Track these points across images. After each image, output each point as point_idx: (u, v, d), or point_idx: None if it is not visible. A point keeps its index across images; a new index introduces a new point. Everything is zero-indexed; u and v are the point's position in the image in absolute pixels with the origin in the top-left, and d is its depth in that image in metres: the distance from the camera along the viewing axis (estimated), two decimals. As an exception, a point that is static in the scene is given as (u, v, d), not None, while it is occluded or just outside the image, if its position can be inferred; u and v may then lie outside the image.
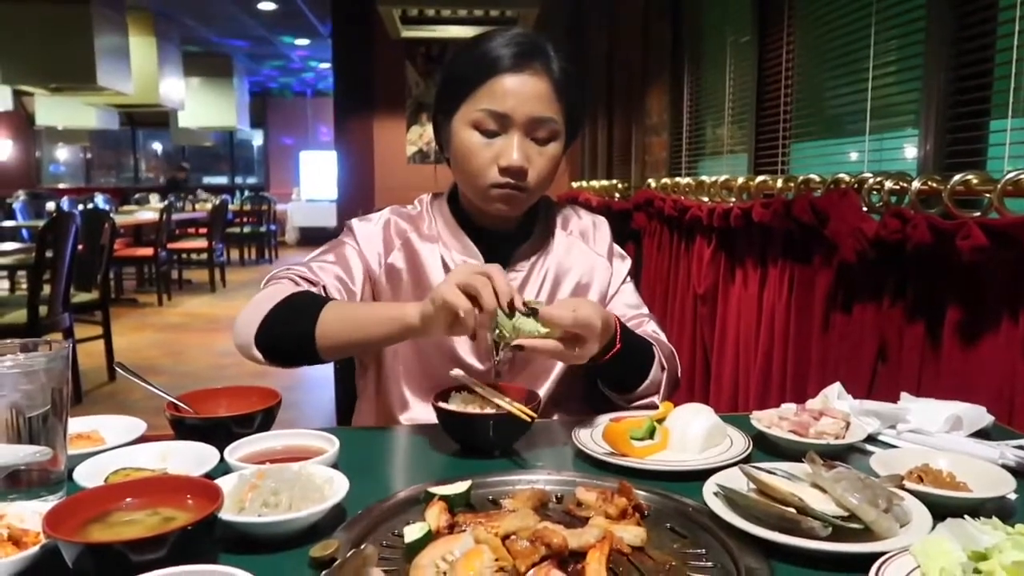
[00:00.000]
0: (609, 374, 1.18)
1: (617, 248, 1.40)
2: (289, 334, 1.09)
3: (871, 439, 1.02)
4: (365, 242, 1.27)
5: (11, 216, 8.00)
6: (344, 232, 1.31)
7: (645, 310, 1.37)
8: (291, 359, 1.13)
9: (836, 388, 1.12)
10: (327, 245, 1.30)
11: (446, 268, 1.25)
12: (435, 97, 1.26)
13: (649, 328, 1.32)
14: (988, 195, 1.28)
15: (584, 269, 1.32)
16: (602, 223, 1.41)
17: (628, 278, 1.39)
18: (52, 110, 9.61)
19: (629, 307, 1.34)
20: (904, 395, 1.11)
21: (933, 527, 0.71)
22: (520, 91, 1.14)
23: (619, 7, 4.28)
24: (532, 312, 0.99)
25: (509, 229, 1.28)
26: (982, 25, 1.48)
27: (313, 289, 1.18)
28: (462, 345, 1.23)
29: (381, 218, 1.31)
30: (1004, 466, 0.88)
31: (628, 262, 1.41)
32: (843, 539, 0.70)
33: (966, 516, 0.68)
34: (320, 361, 1.13)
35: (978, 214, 1.31)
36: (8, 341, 0.85)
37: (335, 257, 1.26)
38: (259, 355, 1.11)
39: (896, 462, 0.88)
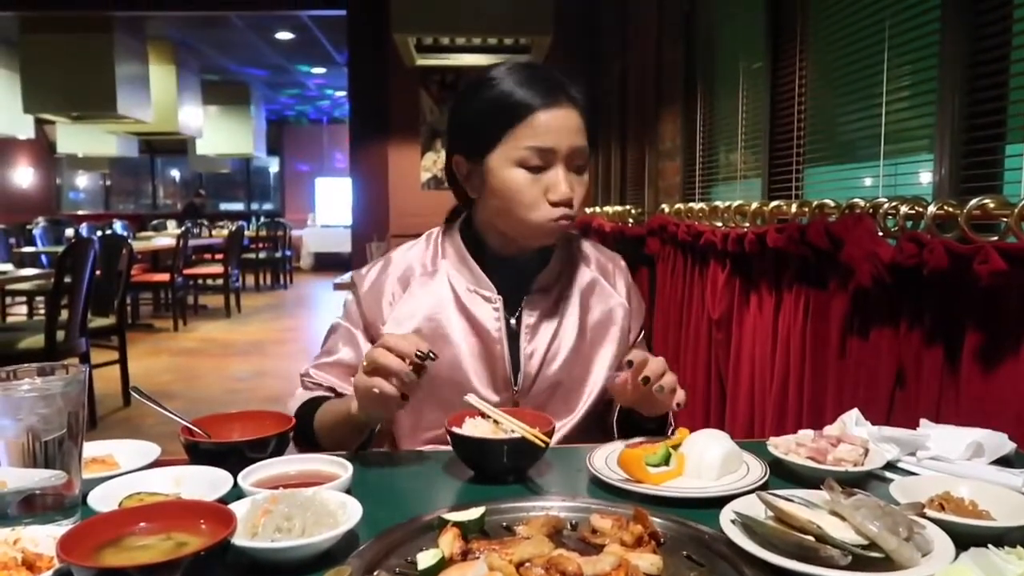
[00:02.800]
0: (643, 427, 1.19)
1: (635, 291, 1.41)
2: (312, 446, 1.17)
3: (890, 466, 1.01)
4: (368, 306, 1.29)
5: (31, 242, 8.11)
6: (344, 311, 1.33)
7: None
8: None
9: (854, 414, 1.11)
10: (328, 332, 1.33)
11: (456, 297, 1.26)
12: (454, 138, 1.26)
13: None
14: (1005, 219, 1.27)
15: (605, 309, 1.33)
16: (619, 261, 1.42)
17: (642, 331, 1.41)
18: (73, 138, 9.81)
19: None
20: (923, 421, 1.10)
21: (956, 556, 0.69)
22: (561, 125, 1.17)
23: (632, 33, 4.32)
24: None
25: (526, 257, 1.28)
26: (997, 49, 1.48)
27: (318, 393, 1.25)
28: (476, 376, 1.23)
29: (377, 275, 1.31)
30: (1027, 494, 0.86)
31: (644, 308, 1.42)
32: (863, 568, 0.68)
33: (989, 545, 0.67)
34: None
35: (995, 238, 1.30)
36: (25, 365, 0.85)
37: (330, 346, 1.30)
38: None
39: (916, 490, 0.86)
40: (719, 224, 2.52)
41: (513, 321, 1.27)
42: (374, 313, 1.28)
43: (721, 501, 0.82)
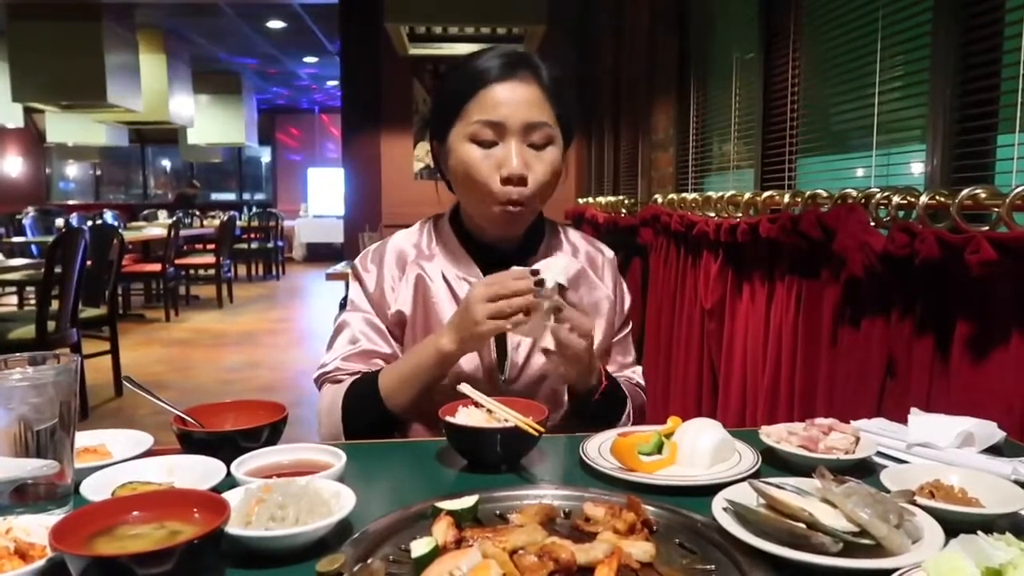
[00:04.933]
0: (585, 413, 1.23)
1: (622, 284, 1.41)
2: (370, 423, 1.18)
3: (881, 454, 1.01)
4: (374, 294, 1.30)
5: (21, 232, 8.07)
6: (349, 304, 1.34)
7: (633, 358, 1.42)
8: (382, 435, 1.21)
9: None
10: (337, 326, 1.33)
11: (446, 283, 1.27)
12: (430, 123, 1.27)
13: (636, 378, 1.39)
14: (996, 209, 1.28)
15: (592, 300, 1.33)
16: (608, 253, 1.41)
17: (628, 324, 1.42)
18: (62, 127, 9.72)
19: (624, 365, 1.39)
20: (914, 411, 1.11)
21: (945, 543, 0.70)
22: (511, 98, 1.16)
23: (626, 24, 4.30)
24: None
25: (512, 246, 1.29)
26: (989, 40, 1.48)
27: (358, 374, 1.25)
28: (467, 363, 1.23)
29: (376, 260, 1.32)
30: (1016, 482, 0.87)
31: (629, 301, 1.43)
32: (854, 555, 0.69)
33: (979, 532, 0.67)
34: (402, 423, 1.24)
35: (987, 228, 1.31)
36: (17, 355, 0.85)
37: (351, 337, 1.29)
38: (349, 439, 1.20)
39: (907, 477, 0.87)
40: (712, 214, 2.52)
41: None
42: (380, 300, 1.29)
43: (713, 489, 0.83)
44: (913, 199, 1.48)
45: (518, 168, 1.15)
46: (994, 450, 1.01)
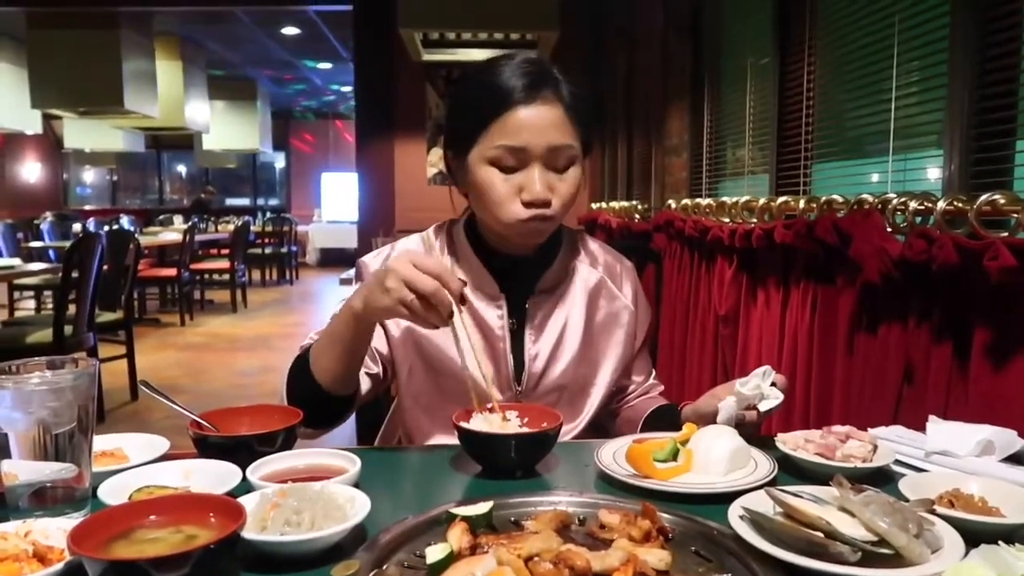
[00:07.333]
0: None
1: (642, 294, 1.39)
2: (304, 398, 1.11)
3: (899, 463, 1.00)
4: None
5: (38, 237, 8.15)
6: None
7: (651, 370, 1.44)
8: (325, 417, 1.15)
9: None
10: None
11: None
12: (446, 130, 1.25)
13: (660, 388, 1.42)
14: (1015, 215, 1.27)
15: (611, 311, 1.32)
16: (627, 263, 1.40)
17: (647, 339, 1.41)
18: (80, 133, 9.84)
19: (652, 376, 1.42)
20: (932, 418, 1.09)
21: (966, 553, 0.69)
22: (535, 123, 1.12)
23: (639, 29, 4.30)
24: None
25: (529, 254, 1.26)
26: (1007, 44, 1.47)
27: None
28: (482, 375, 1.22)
29: (380, 263, 1.29)
30: (1038, 491, 0.86)
31: (650, 312, 1.42)
32: (873, 564, 0.68)
33: (1000, 542, 0.67)
34: (345, 404, 1.17)
35: (1005, 234, 1.29)
36: (35, 359, 0.86)
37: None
38: (306, 429, 1.12)
39: (926, 486, 0.86)
40: (726, 220, 2.51)
41: (514, 320, 1.25)
42: None
43: (729, 497, 0.82)
44: (930, 204, 1.47)
45: (541, 194, 1.12)
46: (1014, 459, 1.00)
